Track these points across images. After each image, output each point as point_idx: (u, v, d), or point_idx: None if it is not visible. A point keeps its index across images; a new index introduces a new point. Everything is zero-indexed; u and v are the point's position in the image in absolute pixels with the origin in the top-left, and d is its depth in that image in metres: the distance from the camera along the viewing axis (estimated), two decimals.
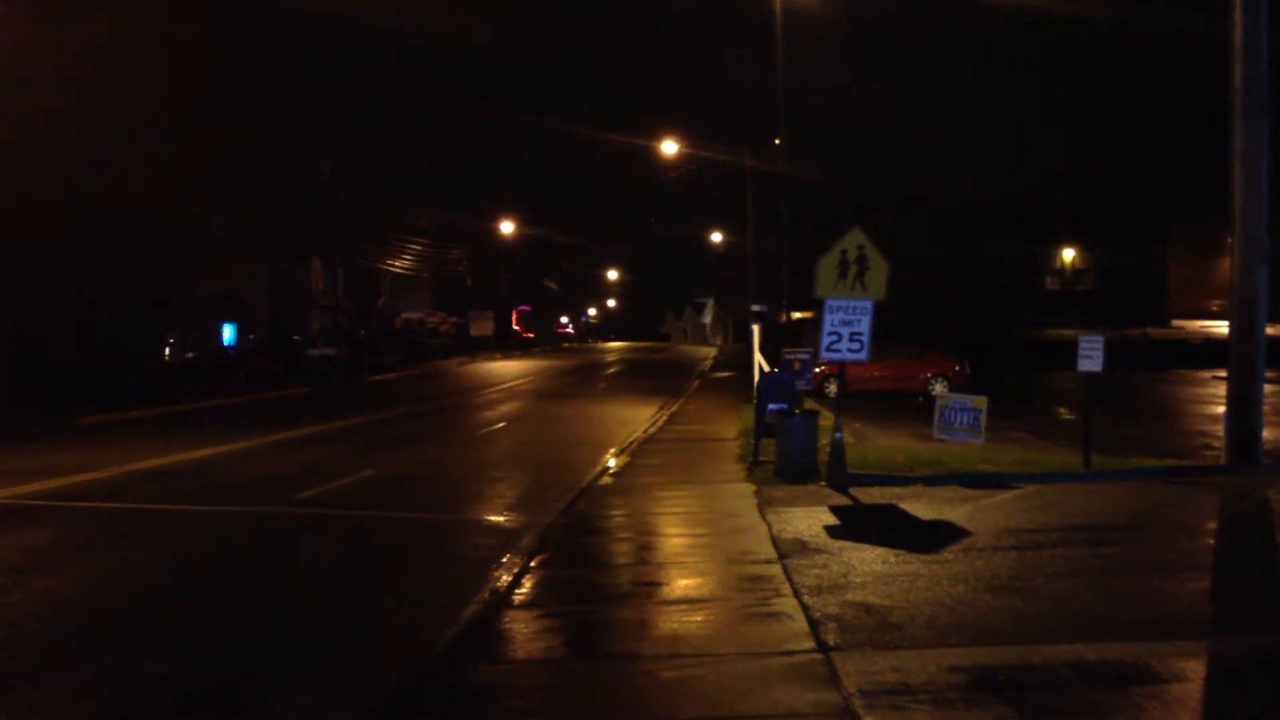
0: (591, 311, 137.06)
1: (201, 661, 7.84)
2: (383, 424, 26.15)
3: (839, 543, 10.39)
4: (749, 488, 14.06)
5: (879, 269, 13.90)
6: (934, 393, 26.58)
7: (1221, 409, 15.90)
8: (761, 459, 15.97)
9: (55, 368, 32.80)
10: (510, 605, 8.58)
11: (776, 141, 28.65)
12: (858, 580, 8.84)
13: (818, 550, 10.06)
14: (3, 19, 31.03)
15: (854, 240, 13.92)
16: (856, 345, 14.00)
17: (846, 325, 13.95)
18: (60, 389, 30.94)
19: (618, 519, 12.49)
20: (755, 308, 27.12)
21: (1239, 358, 14.55)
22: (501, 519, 13.24)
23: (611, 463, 17.60)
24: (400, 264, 69.86)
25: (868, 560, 9.58)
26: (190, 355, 46.15)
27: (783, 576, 9.07)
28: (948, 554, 9.78)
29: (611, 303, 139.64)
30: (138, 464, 18.32)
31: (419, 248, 70.52)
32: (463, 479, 17.08)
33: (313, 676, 7.51)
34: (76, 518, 13.43)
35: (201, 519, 13.60)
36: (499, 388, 40.42)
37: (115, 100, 34.87)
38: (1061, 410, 25.73)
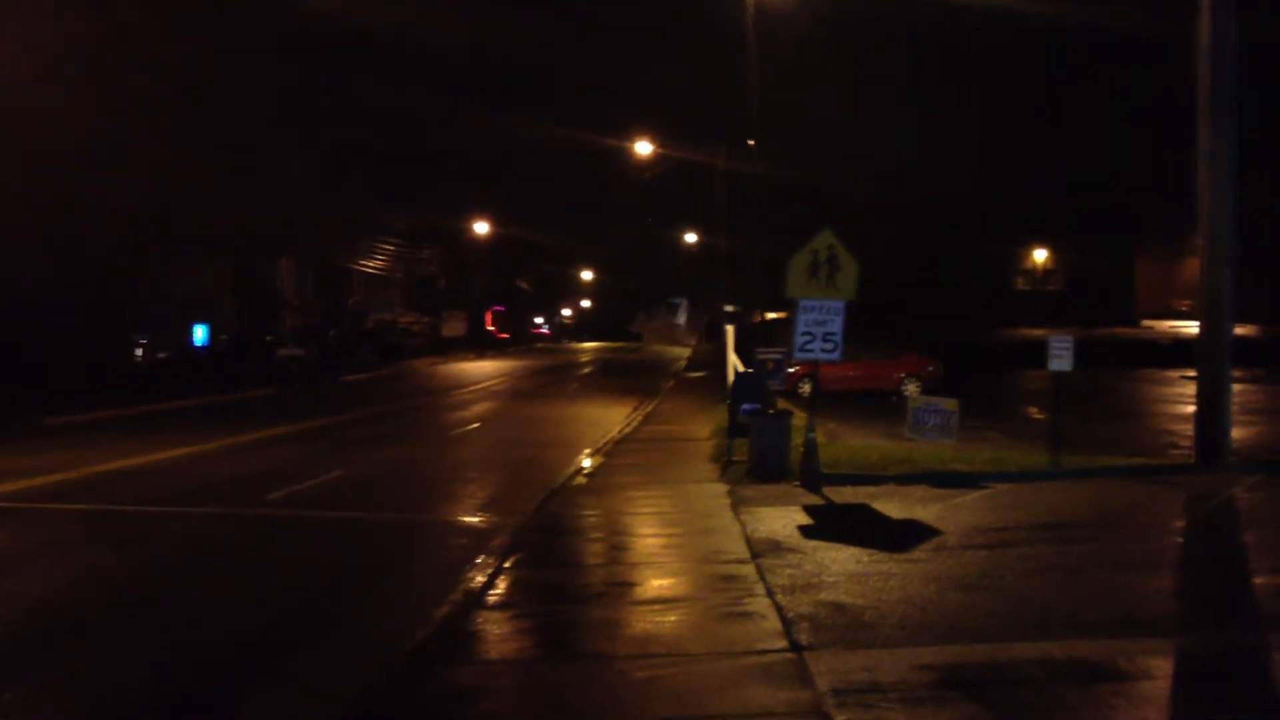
0: (566, 312, 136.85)
1: (171, 664, 7.79)
2: (354, 424, 26.03)
3: (812, 542, 10.43)
4: (722, 487, 14.08)
5: (849, 268, 13.94)
6: (907, 393, 26.72)
7: (1189, 408, 16.07)
8: (735, 459, 16.00)
9: (23, 367, 32.44)
10: (483, 606, 8.57)
11: (750, 143, 28.72)
12: (830, 579, 8.88)
13: (791, 550, 10.09)
14: None
15: (824, 240, 13.95)
16: (830, 345, 14.03)
17: (819, 325, 13.98)
18: (28, 389, 30.58)
19: (591, 519, 12.49)
20: (729, 308, 27.23)
21: (1207, 357, 14.67)
22: (475, 519, 13.22)
23: (585, 463, 17.59)
24: (372, 264, 69.53)
25: (840, 559, 9.62)
26: (162, 355, 45.76)
27: (756, 576, 9.10)
28: (919, 553, 9.83)
29: (585, 303, 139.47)
30: (107, 465, 18.16)
31: (391, 248, 70.23)
32: (435, 479, 17.04)
33: (284, 678, 7.48)
34: (44, 519, 13.31)
35: (171, 521, 13.49)
36: (472, 388, 40.31)
37: (85, 99, 34.58)
38: (1032, 409, 25.90)
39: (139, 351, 44.68)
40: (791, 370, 24.85)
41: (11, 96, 31.17)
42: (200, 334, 50.35)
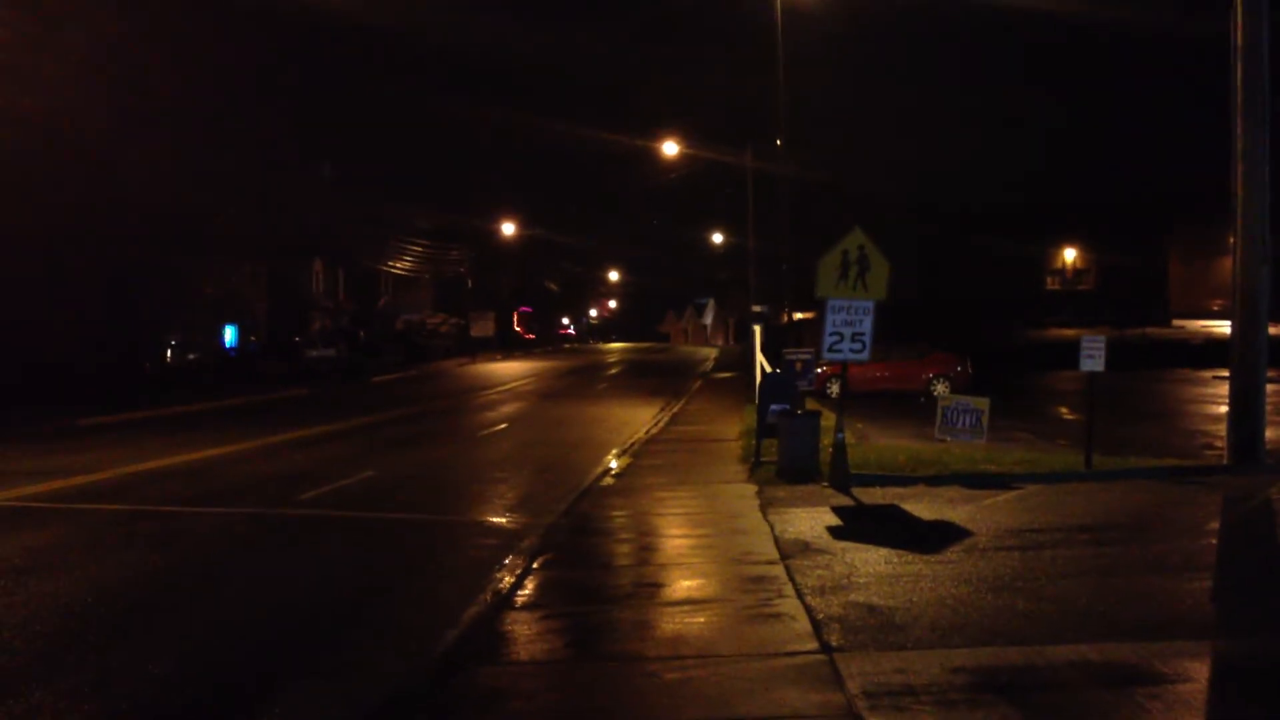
0: (592, 312, 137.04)
1: (203, 663, 7.83)
2: (384, 425, 26.14)
3: (841, 543, 10.38)
4: (751, 488, 14.04)
5: (880, 268, 13.87)
6: (936, 393, 26.55)
7: (1223, 409, 15.88)
8: (763, 459, 15.96)
9: (56, 368, 32.77)
10: (512, 606, 8.57)
11: (778, 143, 28.66)
12: (860, 581, 8.83)
13: (820, 551, 10.05)
14: (3, 17, 31.03)
15: (855, 240, 13.88)
16: (858, 345, 13.97)
17: (848, 325, 13.93)
18: (61, 390, 30.90)
19: (620, 520, 12.48)
20: (757, 308, 27.16)
21: (1241, 357, 14.51)
22: (503, 520, 13.23)
23: (613, 464, 17.59)
24: (401, 265, 69.85)
25: (870, 561, 9.57)
26: (192, 356, 46.18)
27: (785, 577, 9.06)
28: (950, 554, 9.77)
29: (613, 303, 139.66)
30: (139, 465, 18.31)
31: (420, 249, 70.52)
32: (464, 480, 17.08)
33: (314, 678, 7.50)
34: (78, 519, 13.42)
35: (203, 521, 13.58)
36: (500, 388, 40.40)
37: (116, 99, 34.90)
38: (1063, 410, 25.71)
39: (169, 353, 45.09)
40: (820, 370, 24.78)
41: (40, 98, 31.47)
42: (230, 335, 50.76)
